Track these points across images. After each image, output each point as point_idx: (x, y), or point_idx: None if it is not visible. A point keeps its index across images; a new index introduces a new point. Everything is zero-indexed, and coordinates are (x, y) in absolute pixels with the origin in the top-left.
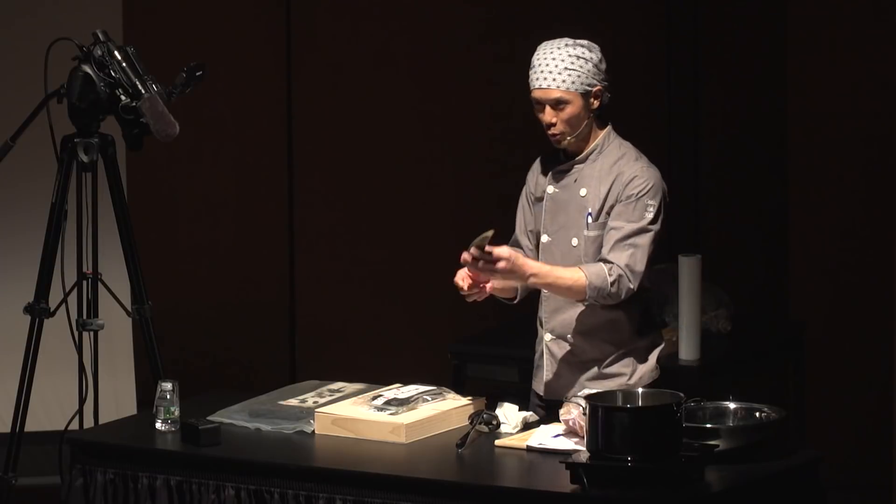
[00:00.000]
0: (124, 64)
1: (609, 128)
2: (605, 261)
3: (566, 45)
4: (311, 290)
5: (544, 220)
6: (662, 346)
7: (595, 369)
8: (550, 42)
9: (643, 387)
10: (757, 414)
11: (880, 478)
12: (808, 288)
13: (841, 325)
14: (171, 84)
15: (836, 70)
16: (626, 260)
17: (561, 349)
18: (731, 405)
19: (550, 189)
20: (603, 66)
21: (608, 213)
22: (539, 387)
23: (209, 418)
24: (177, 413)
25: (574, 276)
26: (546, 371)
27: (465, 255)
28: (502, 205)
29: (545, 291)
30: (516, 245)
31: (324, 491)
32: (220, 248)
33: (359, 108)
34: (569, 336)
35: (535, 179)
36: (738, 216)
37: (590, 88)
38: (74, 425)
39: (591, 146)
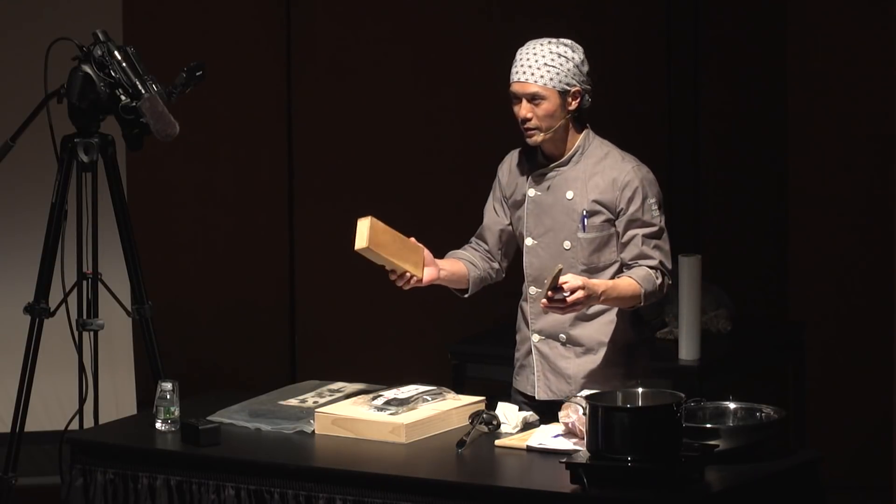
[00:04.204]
0: (124, 64)
1: (588, 130)
2: (646, 266)
3: (549, 42)
4: (311, 291)
5: (527, 224)
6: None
7: (592, 369)
8: (536, 40)
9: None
10: (757, 414)
11: (880, 478)
12: (808, 288)
13: (841, 324)
14: (171, 84)
15: (836, 69)
16: (660, 257)
17: (551, 349)
18: (731, 405)
19: (532, 192)
20: (585, 69)
21: (608, 214)
22: (525, 386)
23: (209, 418)
24: (177, 413)
25: (631, 286)
26: (537, 372)
27: (544, 301)
28: None
29: (532, 291)
30: (481, 239)
31: (324, 491)
32: (220, 248)
33: (359, 107)
34: (560, 336)
35: (510, 178)
36: (738, 216)
37: (568, 87)
38: (74, 425)
39: (572, 149)
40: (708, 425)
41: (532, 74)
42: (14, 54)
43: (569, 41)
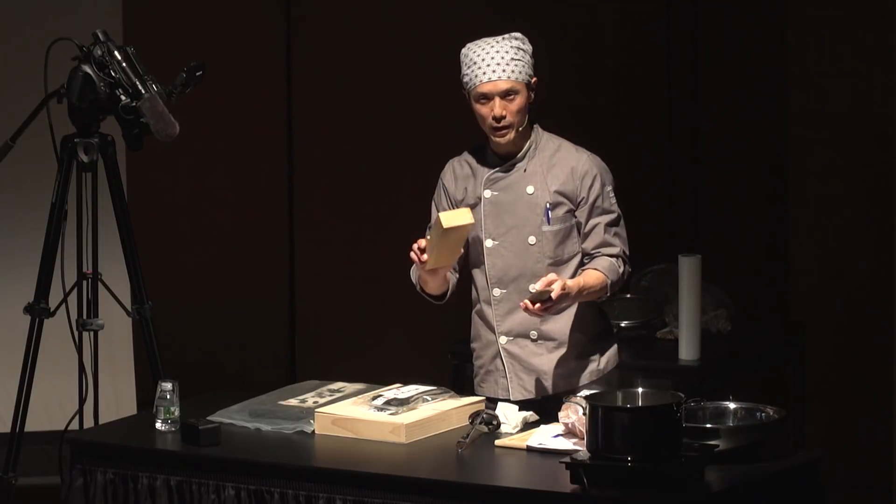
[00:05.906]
0: (124, 64)
1: (536, 125)
2: (607, 254)
3: (503, 38)
4: (311, 290)
5: (485, 225)
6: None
7: (566, 362)
8: (482, 40)
9: (610, 370)
10: (757, 414)
11: (880, 478)
12: (809, 288)
13: (841, 324)
14: (171, 84)
15: (836, 70)
16: (621, 246)
17: (521, 348)
18: (731, 405)
19: (488, 193)
20: (533, 61)
21: (570, 205)
22: (495, 391)
23: (209, 418)
24: (177, 413)
25: (599, 279)
26: (509, 374)
27: (530, 307)
28: None
29: (496, 294)
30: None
31: (324, 491)
32: (220, 248)
33: (359, 108)
34: (531, 333)
35: (458, 184)
36: (738, 216)
37: (530, 79)
38: (74, 425)
39: (527, 144)
40: (708, 425)
41: (503, 71)
42: (14, 54)
43: (518, 34)
